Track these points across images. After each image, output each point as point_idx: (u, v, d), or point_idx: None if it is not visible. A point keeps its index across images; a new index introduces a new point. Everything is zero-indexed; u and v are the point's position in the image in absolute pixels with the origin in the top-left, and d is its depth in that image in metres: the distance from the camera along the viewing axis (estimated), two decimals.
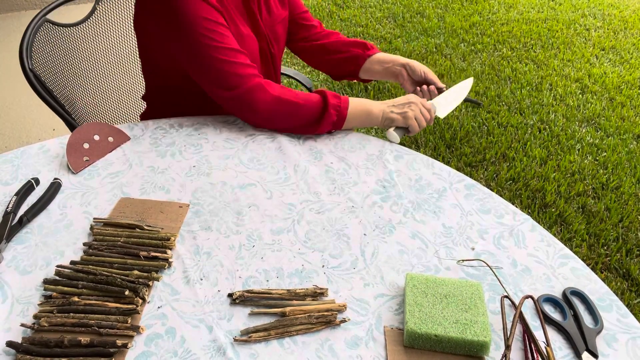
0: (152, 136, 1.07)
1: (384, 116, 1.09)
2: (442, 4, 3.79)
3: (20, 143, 2.35)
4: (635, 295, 1.71)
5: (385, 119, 1.10)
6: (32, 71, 1.19)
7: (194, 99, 1.16)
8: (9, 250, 0.81)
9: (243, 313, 0.73)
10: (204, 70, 1.03)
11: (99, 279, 0.75)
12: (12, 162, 0.99)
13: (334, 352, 0.69)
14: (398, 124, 1.09)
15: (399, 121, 1.09)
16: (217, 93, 1.05)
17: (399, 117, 1.09)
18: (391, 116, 1.09)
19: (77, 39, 1.35)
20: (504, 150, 2.33)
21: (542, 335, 0.71)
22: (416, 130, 1.10)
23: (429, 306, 0.71)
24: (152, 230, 0.85)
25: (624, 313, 0.75)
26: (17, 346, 0.67)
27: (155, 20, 1.03)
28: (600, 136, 2.46)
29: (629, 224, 1.98)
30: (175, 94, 1.18)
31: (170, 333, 0.70)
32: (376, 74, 1.28)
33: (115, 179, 0.96)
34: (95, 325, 0.69)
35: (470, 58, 3.08)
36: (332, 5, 3.71)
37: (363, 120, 1.09)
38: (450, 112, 1.14)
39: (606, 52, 3.19)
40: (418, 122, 1.09)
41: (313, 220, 0.88)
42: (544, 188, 2.12)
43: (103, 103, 1.46)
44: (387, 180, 0.98)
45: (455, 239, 0.86)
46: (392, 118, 1.09)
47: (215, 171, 0.98)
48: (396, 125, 1.09)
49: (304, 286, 0.77)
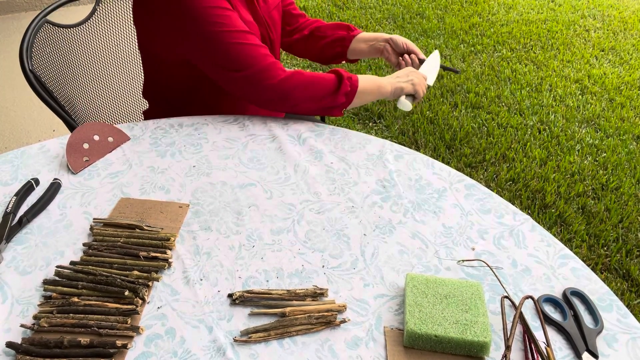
0: (152, 136, 1.07)
1: (393, 86, 1.16)
2: (441, 5, 3.79)
3: (20, 144, 2.35)
4: (635, 295, 1.71)
5: (395, 89, 1.16)
6: (33, 72, 1.19)
7: (196, 94, 1.17)
8: (8, 250, 0.81)
9: (243, 313, 0.73)
10: (218, 57, 1.03)
11: (99, 280, 0.75)
12: (12, 162, 0.99)
13: (334, 353, 0.69)
14: (408, 91, 1.17)
15: (408, 89, 1.17)
16: (231, 76, 1.05)
17: (408, 85, 1.17)
18: (400, 85, 1.17)
19: (77, 40, 1.35)
20: (503, 151, 2.34)
21: (542, 336, 0.71)
22: (421, 95, 1.19)
23: (429, 306, 0.71)
24: (152, 230, 0.85)
25: (624, 313, 0.75)
26: (16, 347, 0.67)
27: (158, 16, 1.03)
28: (600, 137, 2.46)
29: (629, 224, 1.97)
30: (176, 90, 1.18)
31: (170, 333, 0.70)
32: (362, 52, 1.35)
33: (115, 179, 0.96)
34: (95, 326, 0.69)
35: (470, 59, 3.08)
36: (332, 6, 3.71)
37: (374, 92, 1.15)
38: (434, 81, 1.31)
39: (606, 53, 3.20)
40: (422, 89, 1.20)
41: (313, 221, 0.88)
42: (544, 189, 2.12)
43: (103, 104, 1.46)
44: (387, 180, 0.98)
45: (456, 239, 0.86)
46: (401, 87, 1.17)
47: (215, 171, 0.98)
48: (406, 93, 1.18)
49: (304, 286, 0.77)
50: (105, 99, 1.46)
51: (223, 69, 1.04)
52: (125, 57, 1.47)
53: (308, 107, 1.08)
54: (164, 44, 1.07)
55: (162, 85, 1.20)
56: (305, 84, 1.06)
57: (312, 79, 1.07)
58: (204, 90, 1.14)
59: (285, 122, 1.12)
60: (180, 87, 1.17)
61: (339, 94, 1.09)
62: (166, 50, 1.08)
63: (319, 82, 1.08)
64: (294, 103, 1.07)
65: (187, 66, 1.09)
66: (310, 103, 1.08)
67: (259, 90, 1.06)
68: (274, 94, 1.06)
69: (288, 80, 1.05)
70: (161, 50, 1.09)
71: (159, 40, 1.07)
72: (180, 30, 1.02)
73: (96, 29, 1.37)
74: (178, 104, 1.19)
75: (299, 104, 1.07)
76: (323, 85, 1.08)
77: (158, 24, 1.04)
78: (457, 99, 2.69)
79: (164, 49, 1.08)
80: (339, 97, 1.09)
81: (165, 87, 1.20)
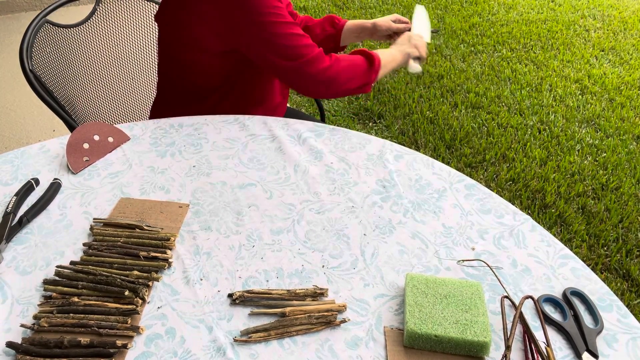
0: (152, 136, 1.07)
1: (402, 53, 1.26)
2: (441, 5, 3.80)
3: (20, 144, 2.35)
4: (635, 295, 1.71)
5: (404, 56, 1.27)
6: (33, 72, 1.19)
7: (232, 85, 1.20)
8: (9, 250, 0.81)
9: (243, 313, 0.73)
10: (271, 47, 1.07)
11: (99, 279, 0.75)
12: (12, 162, 0.99)
13: (334, 353, 0.69)
14: (415, 54, 1.28)
15: (414, 52, 1.28)
16: (283, 64, 1.08)
17: (413, 49, 1.28)
18: (408, 50, 1.28)
19: (77, 39, 1.35)
20: (503, 151, 2.33)
21: (542, 336, 0.71)
22: (425, 56, 1.30)
23: (429, 306, 0.71)
24: (152, 230, 0.85)
25: (624, 313, 0.75)
26: (17, 347, 0.67)
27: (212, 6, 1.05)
28: (600, 137, 2.46)
29: (628, 224, 1.97)
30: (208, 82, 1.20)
31: (170, 333, 0.70)
32: (350, 41, 1.43)
33: (115, 179, 0.96)
34: (95, 326, 0.69)
35: (470, 59, 3.08)
36: (332, 6, 3.71)
37: (392, 63, 1.24)
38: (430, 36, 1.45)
39: (606, 53, 3.20)
40: (424, 50, 1.30)
41: (313, 220, 0.88)
42: (544, 189, 2.12)
43: (103, 104, 1.46)
44: (387, 180, 0.98)
45: (456, 239, 0.86)
46: (408, 52, 1.27)
47: (215, 171, 0.98)
48: (413, 56, 1.28)
49: (304, 286, 0.77)
50: (105, 99, 1.46)
51: (280, 58, 1.08)
52: (125, 57, 1.47)
53: (348, 88, 1.15)
54: (214, 33, 1.08)
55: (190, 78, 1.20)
56: (345, 69, 1.13)
57: (350, 63, 1.14)
58: (241, 81, 1.19)
59: (285, 122, 1.12)
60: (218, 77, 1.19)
61: (372, 71, 1.17)
62: (214, 41, 1.10)
63: (355, 65, 1.15)
64: (337, 89, 1.13)
65: (232, 56, 1.12)
66: (349, 84, 1.14)
67: (307, 79, 1.11)
68: (321, 82, 1.11)
69: (332, 67, 1.11)
70: (207, 40, 1.10)
71: (205, 30, 1.09)
72: (237, 21, 1.05)
73: (96, 29, 1.37)
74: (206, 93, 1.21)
75: (341, 87, 1.13)
76: (359, 67, 1.15)
77: (212, 14, 1.06)
78: (457, 99, 2.69)
79: (212, 40, 1.10)
80: (372, 75, 1.17)
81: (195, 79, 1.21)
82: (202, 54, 1.12)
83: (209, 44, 1.10)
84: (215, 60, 1.13)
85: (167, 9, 1.14)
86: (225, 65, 1.15)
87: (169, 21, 1.14)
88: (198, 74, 1.17)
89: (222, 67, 1.15)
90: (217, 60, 1.14)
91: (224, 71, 1.16)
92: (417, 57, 1.29)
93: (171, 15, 1.13)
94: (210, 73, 1.17)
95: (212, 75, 1.17)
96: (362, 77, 1.16)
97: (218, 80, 1.18)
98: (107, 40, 1.42)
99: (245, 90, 1.22)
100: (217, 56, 1.13)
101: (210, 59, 1.13)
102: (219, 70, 1.16)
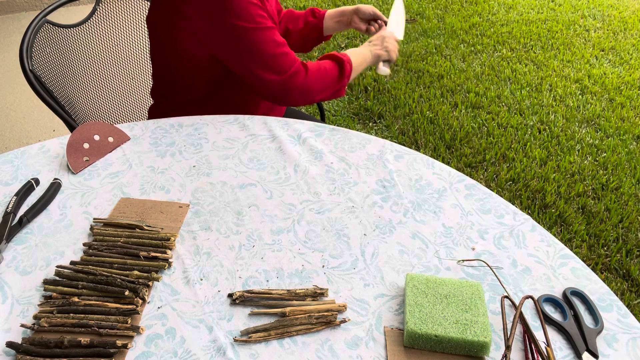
0: (152, 136, 1.07)
1: (372, 53, 1.27)
2: (441, 5, 3.79)
3: (20, 144, 2.35)
4: (635, 295, 1.71)
5: (374, 56, 1.27)
6: (33, 72, 1.19)
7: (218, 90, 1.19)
8: (9, 250, 0.81)
9: (243, 313, 0.73)
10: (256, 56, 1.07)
11: (99, 279, 0.75)
12: (12, 162, 0.99)
13: (334, 353, 0.69)
14: (384, 57, 1.28)
15: (384, 55, 1.28)
16: (268, 78, 1.09)
17: (383, 52, 1.28)
18: (378, 52, 1.28)
19: (77, 39, 1.35)
20: (503, 151, 2.33)
21: (543, 336, 0.71)
22: (395, 58, 1.30)
23: (429, 306, 0.71)
24: (152, 230, 0.85)
25: (624, 313, 0.75)
26: (17, 347, 0.67)
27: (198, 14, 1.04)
28: (600, 137, 2.46)
29: (629, 224, 1.98)
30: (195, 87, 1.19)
31: (170, 333, 0.70)
32: (333, 29, 1.44)
33: (115, 179, 0.96)
34: (95, 326, 0.69)
35: (470, 59, 3.08)
36: (332, 6, 3.71)
37: (363, 64, 1.25)
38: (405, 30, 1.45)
39: (606, 53, 3.20)
40: (395, 54, 1.31)
41: (313, 220, 0.88)
42: (544, 189, 2.12)
43: (103, 103, 1.46)
44: (387, 180, 0.98)
45: (456, 239, 0.86)
46: (378, 54, 1.28)
47: (215, 171, 0.98)
48: (383, 59, 1.28)
49: (304, 286, 0.77)
50: (105, 99, 1.46)
51: (262, 69, 1.07)
52: (125, 57, 1.47)
53: (322, 98, 1.15)
54: (195, 40, 1.08)
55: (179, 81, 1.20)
56: (319, 79, 1.14)
57: (322, 73, 1.14)
58: (226, 86, 1.19)
59: (285, 122, 1.12)
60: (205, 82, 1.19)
61: (344, 77, 1.18)
62: (197, 47, 1.09)
63: (326, 71, 1.15)
64: (311, 99, 1.14)
65: (214, 61, 1.12)
66: (323, 94, 1.15)
67: (288, 92, 1.11)
68: (298, 93, 1.12)
69: (306, 79, 1.11)
70: (191, 46, 1.10)
71: (186, 36, 1.08)
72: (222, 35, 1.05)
73: (96, 29, 1.37)
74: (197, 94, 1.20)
75: (315, 97, 1.14)
76: (331, 74, 1.16)
77: (196, 21, 1.05)
78: (457, 99, 2.69)
79: (195, 46, 1.09)
80: (344, 80, 1.18)
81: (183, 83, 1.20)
82: (188, 59, 1.12)
83: (193, 49, 1.09)
84: (201, 64, 1.12)
85: (157, 11, 1.13)
86: (212, 71, 1.14)
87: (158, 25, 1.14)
88: (184, 78, 1.16)
89: (208, 73, 1.15)
90: (204, 65, 1.13)
91: (209, 77, 1.15)
92: (387, 59, 1.29)
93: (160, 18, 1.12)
94: (196, 78, 1.16)
95: (198, 80, 1.16)
96: (335, 84, 1.17)
97: (203, 86, 1.17)
98: (107, 40, 1.42)
99: (230, 96, 1.21)
100: (203, 61, 1.12)
101: (195, 64, 1.12)
102: (204, 76, 1.15)
